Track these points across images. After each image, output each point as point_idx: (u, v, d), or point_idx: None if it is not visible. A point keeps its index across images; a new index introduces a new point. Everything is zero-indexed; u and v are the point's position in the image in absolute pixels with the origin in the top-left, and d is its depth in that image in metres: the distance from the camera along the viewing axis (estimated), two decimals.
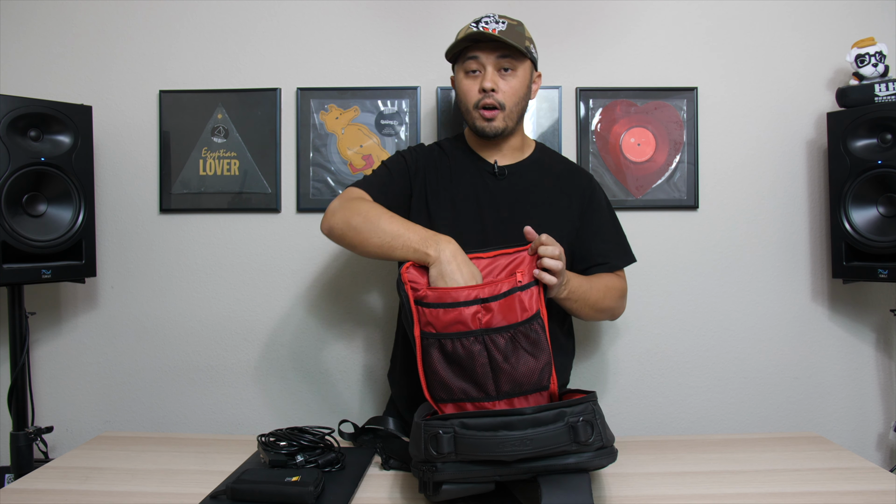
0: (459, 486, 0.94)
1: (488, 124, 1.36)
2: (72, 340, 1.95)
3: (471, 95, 1.36)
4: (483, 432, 0.93)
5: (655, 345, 1.91)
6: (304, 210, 1.91)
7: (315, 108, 1.91)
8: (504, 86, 1.35)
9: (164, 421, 1.94)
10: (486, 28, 1.31)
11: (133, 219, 1.94)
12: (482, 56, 1.34)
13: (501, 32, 1.31)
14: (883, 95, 1.69)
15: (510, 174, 1.43)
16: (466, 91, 1.37)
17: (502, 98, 1.35)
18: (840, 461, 1.19)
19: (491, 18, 1.34)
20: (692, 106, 1.89)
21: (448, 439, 0.93)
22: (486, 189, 1.42)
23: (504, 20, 1.34)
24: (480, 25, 1.33)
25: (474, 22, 1.35)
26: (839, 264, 1.75)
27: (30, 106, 1.62)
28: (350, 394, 1.93)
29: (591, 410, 0.96)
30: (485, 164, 1.44)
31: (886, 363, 1.90)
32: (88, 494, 1.07)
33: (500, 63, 1.34)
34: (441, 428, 0.94)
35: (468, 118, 1.40)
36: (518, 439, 0.92)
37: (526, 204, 1.41)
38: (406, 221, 1.24)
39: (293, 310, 1.93)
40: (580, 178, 1.52)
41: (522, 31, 1.38)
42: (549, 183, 1.46)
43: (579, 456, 0.94)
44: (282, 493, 0.99)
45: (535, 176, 1.45)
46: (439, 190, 1.42)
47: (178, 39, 1.93)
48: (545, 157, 1.52)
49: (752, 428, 1.90)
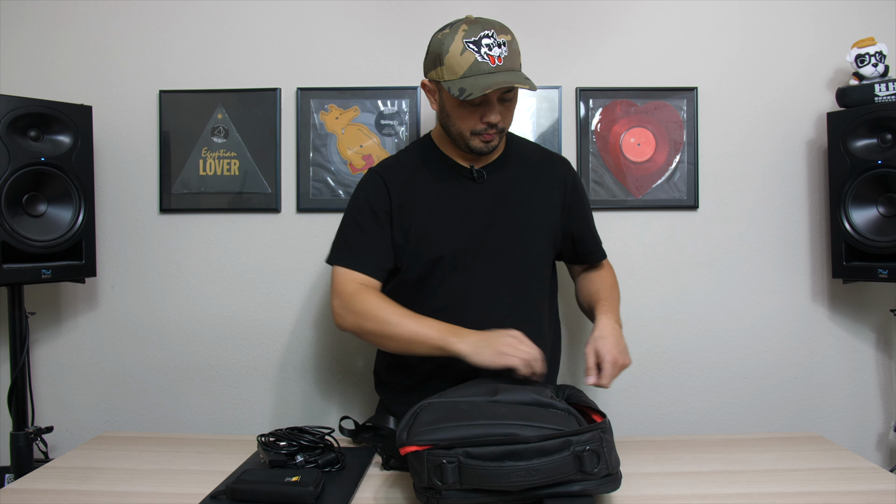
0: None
1: (487, 145, 1.33)
2: (72, 340, 1.95)
3: (470, 124, 1.30)
4: (488, 462, 0.92)
5: (655, 345, 1.91)
6: (304, 210, 1.91)
7: (315, 108, 1.91)
8: (505, 112, 1.32)
9: (164, 421, 1.94)
10: (490, 58, 1.24)
11: (133, 219, 1.94)
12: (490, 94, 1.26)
13: (506, 59, 1.25)
14: (883, 95, 1.69)
15: (488, 175, 1.39)
16: (466, 120, 1.30)
17: (504, 125, 1.33)
18: (840, 461, 1.19)
19: (493, 41, 1.25)
20: (692, 106, 1.89)
21: (452, 469, 0.92)
22: (467, 195, 1.38)
23: (504, 41, 1.26)
24: (483, 52, 1.24)
25: (472, 43, 1.25)
26: (839, 264, 1.75)
27: (30, 106, 1.62)
28: (350, 394, 1.93)
29: (599, 439, 0.95)
30: (461, 170, 1.39)
31: (886, 363, 1.90)
32: (88, 494, 1.07)
33: (505, 96, 1.29)
34: (445, 458, 0.93)
35: (461, 140, 1.34)
36: (524, 470, 0.92)
37: (509, 204, 1.39)
38: (416, 317, 1.25)
39: (293, 309, 1.93)
40: (558, 165, 1.50)
41: (517, 46, 1.31)
42: (529, 176, 1.43)
43: (584, 484, 0.94)
44: (282, 493, 0.99)
45: (512, 172, 1.42)
46: (414, 206, 1.37)
47: (178, 39, 1.93)
48: (518, 148, 1.48)
49: (752, 428, 1.90)
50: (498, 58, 1.25)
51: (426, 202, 1.37)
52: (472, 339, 1.17)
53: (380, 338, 1.29)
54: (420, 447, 0.95)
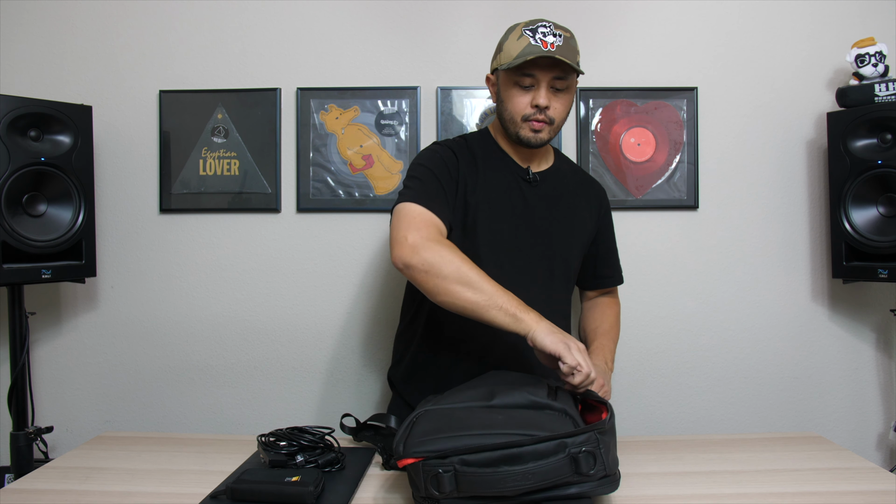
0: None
1: (535, 136, 1.33)
2: (72, 340, 1.95)
3: (521, 107, 1.32)
4: (484, 468, 0.92)
5: (655, 345, 1.91)
6: (304, 210, 1.91)
7: (315, 108, 1.91)
8: (556, 103, 1.32)
9: (163, 421, 1.94)
10: (543, 42, 1.26)
11: (133, 219, 1.94)
12: (538, 73, 1.29)
13: (559, 49, 1.27)
14: (883, 95, 1.69)
15: (541, 182, 1.41)
16: (517, 102, 1.32)
17: (553, 114, 1.32)
18: (840, 461, 1.19)
19: (548, 30, 1.28)
20: (692, 106, 1.89)
21: (449, 478, 0.93)
22: (521, 195, 1.39)
23: (560, 33, 1.29)
24: (538, 37, 1.27)
25: (529, 29, 1.29)
26: (839, 264, 1.75)
27: (30, 106, 1.62)
28: (350, 394, 1.93)
29: (595, 440, 0.95)
30: (518, 169, 1.40)
31: (886, 363, 1.90)
32: (88, 494, 1.07)
33: (555, 83, 1.31)
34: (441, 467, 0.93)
35: (512, 127, 1.35)
36: (520, 474, 0.92)
37: (556, 213, 1.41)
38: (493, 281, 1.19)
39: (293, 309, 1.93)
40: (595, 188, 1.54)
41: (575, 44, 1.33)
42: (572, 192, 1.46)
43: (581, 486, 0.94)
44: (282, 493, 0.99)
45: (561, 185, 1.45)
46: (477, 188, 1.37)
47: (178, 39, 1.93)
48: (564, 164, 1.51)
49: (752, 428, 1.90)
50: (552, 44, 1.26)
51: (485, 189, 1.37)
52: (545, 323, 1.15)
53: (452, 286, 1.18)
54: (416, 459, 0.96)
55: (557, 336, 1.13)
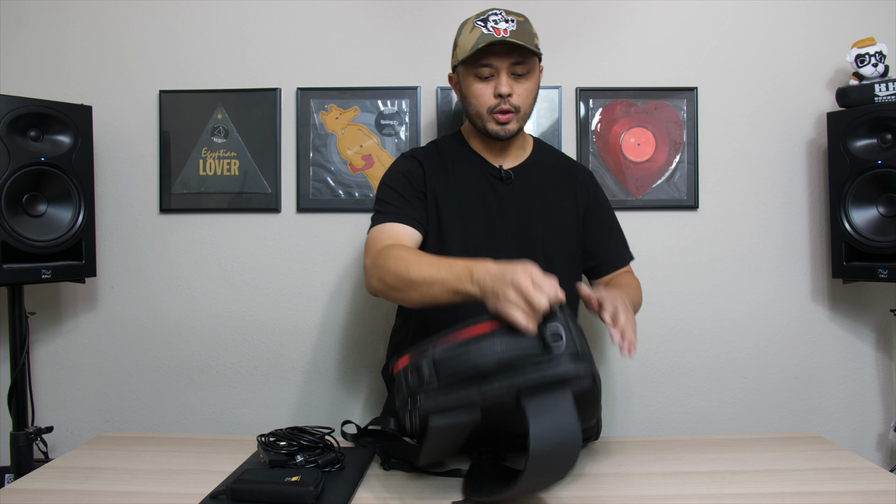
0: (448, 421, 0.93)
1: (503, 128, 1.32)
2: (72, 340, 1.95)
3: (484, 100, 1.31)
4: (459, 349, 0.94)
5: (656, 345, 1.91)
6: (304, 210, 1.91)
7: (315, 108, 1.91)
8: (519, 89, 1.31)
9: (164, 421, 1.94)
10: (496, 29, 1.26)
11: (133, 219, 1.94)
12: (496, 61, 1.29)
13: (513, 33, 1.26)
14: (883, 95, 1.69)
15: (515, 177, 1.39)
16: (479, 95, 1.31)
17: (518, 101, 1.31)
18: (840, 461, 1.19)
19: (499, 17, 1.28)
20: (692, 106, 1.89)
21: (427, 364, 0.94)
22: (494, 195, 1.37)
23: (513, 19, 1.29)
24: (489, 26, 1.27)
25: (480, 20, 1.29)
26: (839, 264, 1.75)
27: (30, 106, 1.62)
28: (350, 394, 1.93)
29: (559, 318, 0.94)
30: (489, 168, 1.39)
31: (886, 363, 1.90)
32: (88, 494, 1.07)
33: (514, 69, 1.30)
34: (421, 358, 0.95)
35: (479, 122, 1.34)
36: (489, 342, 0.93)
37: (533, 208, 1.39)
38: (436, 260, 1.12)
39: (293, 309, 1.93)
40: (581, 174, 1.50)
41: (530, 27, 1.33)
42: (553, 183, 1.43)
43: (555, 366, 0.91)
44: (281, 493, 0.99)
45: (538, 177, 1.42)
46: (447, 194, 1.37)
47: (178, 39, 1.93)
48: (544, 154, 1.49)
49: (752, 428, 1.90)
50: (505, 30, 1.26)
51: (456, 192, 1.37)
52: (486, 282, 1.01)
53: (401, 292, 1.15)
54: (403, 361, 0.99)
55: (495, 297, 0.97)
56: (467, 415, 0.93)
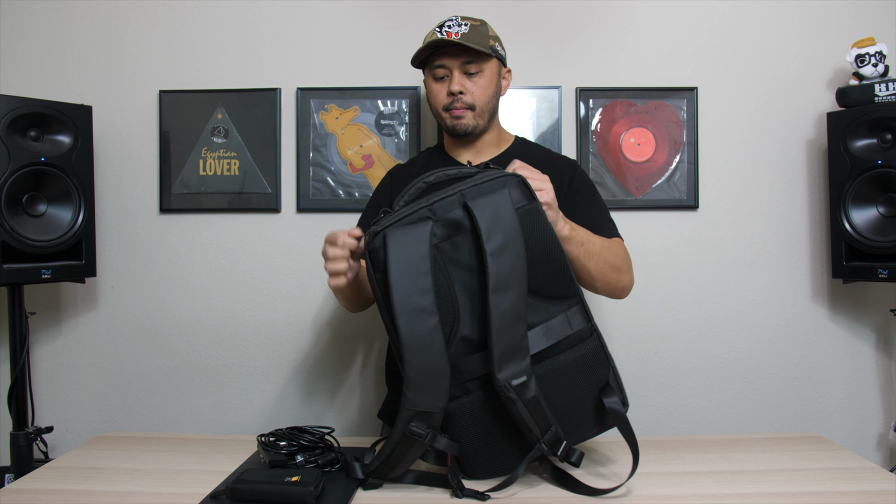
0: (405, 236, 1.02)
1: (458, 122, 1.39)
2: (72, 340, 1.95)
3: (440, 98, 1.40)
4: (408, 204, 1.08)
5: (655, 345, 1.91)
6: (304, 210, 1.91)
7: (315, 108, 1.91)
8: (472, 86, 1.37)
9: (164, 421, 1.94)
10: (448, 33, 1.34)
11: (133, 219, 1.94)
12: (447, 62, 1.37)
13: (464, 35, 1.33)
14: (883, 95, 1.69)
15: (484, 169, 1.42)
16: (435, 94, 1.41)
17: (471, 99, 1.37)
18: (840, 461, 1.19)
19: (454, 22, 1.37)
20: (692, 106, 1.89)
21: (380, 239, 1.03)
22: None
23: (467, 22, 1.36)
24: (444, 31, 1.35)
25: (438, 27, 1.37)
26: (839, 264, 1.75)
27: (30, 106, 1.62)
28: (350, 394, 1.93)
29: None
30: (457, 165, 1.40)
31: (886, 363, 1.90)
32: (88, 494, 1.07)
33: (466, 68, 1.37)
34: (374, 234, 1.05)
35: (440, 120, 1.43)
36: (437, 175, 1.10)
37: None
38: None
39: (293, 309, 1.93)
40: (560, 163, 1.47)
41: (486, 30, 1.39)
42: None
43: (490, 172, 1.06)
44: (281, 493, 0.99)
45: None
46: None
47: (178, 39, 1.93)
48: (524, 149, 1.49)
49: (752, 428, 1.90)
50: (456, 34, 1.34)
51: None
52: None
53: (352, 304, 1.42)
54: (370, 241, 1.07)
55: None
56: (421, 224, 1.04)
